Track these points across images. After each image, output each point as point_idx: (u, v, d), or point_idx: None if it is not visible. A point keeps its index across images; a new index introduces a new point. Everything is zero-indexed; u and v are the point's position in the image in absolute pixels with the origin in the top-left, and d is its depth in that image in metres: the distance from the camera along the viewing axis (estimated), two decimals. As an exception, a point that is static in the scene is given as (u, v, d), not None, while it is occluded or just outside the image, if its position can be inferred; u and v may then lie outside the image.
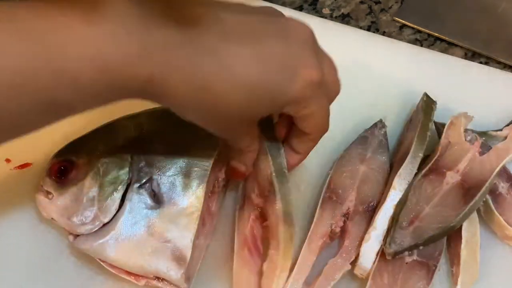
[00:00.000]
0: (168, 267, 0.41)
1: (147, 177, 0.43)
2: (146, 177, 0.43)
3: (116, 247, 0.42)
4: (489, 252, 0.46)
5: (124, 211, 0.42)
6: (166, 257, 0.42)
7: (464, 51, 0.59)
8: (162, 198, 0.43)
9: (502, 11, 0.60)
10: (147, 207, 0.43)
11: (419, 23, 0.60)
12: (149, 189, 0.43)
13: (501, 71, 0.56)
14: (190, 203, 0.43)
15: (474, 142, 0.48)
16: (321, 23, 0.60)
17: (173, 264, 0.41)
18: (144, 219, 0.42)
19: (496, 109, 0.52)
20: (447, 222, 0.44)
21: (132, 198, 0.43)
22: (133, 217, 0.42)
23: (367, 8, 0.63)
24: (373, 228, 0.44)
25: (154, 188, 0.43)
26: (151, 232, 0.42)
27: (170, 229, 0.42)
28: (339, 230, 0.46)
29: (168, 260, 0.41)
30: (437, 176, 0.46)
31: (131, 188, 0.43)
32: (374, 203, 0.47)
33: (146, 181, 0.43)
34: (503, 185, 0.47)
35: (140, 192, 0.43)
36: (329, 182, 0.48)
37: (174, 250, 0.42)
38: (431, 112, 0.49)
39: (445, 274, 0.45)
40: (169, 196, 0.43)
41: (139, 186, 0.43)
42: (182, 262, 0.41)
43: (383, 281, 0.43)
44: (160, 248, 0.42)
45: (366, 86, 0.55)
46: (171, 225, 0.42)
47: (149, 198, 0.43)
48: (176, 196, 0.43)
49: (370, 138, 0.51)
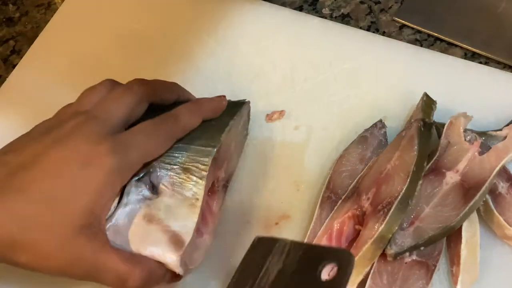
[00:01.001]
0: (164, 249, 0.40)
1: (145, 171, 0.43)
2: (144, 170, 0.43)
3: (113, 238, 0.41)
4: (489, 252, 0.46)
5: (122, 203, 0.42)
6: (163, 242, 0.41)
7: (464, 51, 0.59)
8: (161, 190, 0.43)
9: (502, 11, 0.60)
10: (145, 198, 0.42)
11: (419, 23, 0.60)
12: (148, 181, 0.43)
13: (501, 71, 0.56)
14: (190, 194, 0.43)
15: (473, 142, 0.48)
16: (321, 23, 0.60)
17: (170, 247, 0.41)
18: (142, 209, 0.42)
19: (496, 109, 0.52)
20: (447, 222, 0.43)
21: (130, 191, 0.42)
22: (131, 209, 0.42)
23: (367, 8, 0.63)
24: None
25: (152, 180, 0.43)
26: (149, 221, 0.41)
27: (169, 218, 0.42)
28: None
29: (165, 245, 0.41)
30: (437, 176, 0.46)
31: (129, 182, 0.42)
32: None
33: (144, 175, 0.43)
34: (502, 185, 0.47)
35: (138, 185, 0.42)
36: (328, 182, 0.48)
37: (172, 236, 0.41)
38: (431, 112, 0.49)
39: (445, 274, 0.45)
40: (169, 188, 0.43)
41: (138, 179, 0.43)
42: (179, 247, 0.41)
43: (382, 281, 0.43)
44: (159, 235, 0.41)
45: (366, 86, 0.55)
46: (170, 214, 0.42)
47: (147, 190, 0.42)
48: (176, 188, 0.43)
49: (370, 138, 0.51)
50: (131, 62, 0.59)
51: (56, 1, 0.69)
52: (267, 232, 0.48)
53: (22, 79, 0.60)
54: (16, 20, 0.68)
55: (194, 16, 0.62)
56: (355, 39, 0.58)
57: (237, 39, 0.60)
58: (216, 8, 0.62)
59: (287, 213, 0.49)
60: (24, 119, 0.56)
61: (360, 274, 0.43)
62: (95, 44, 0.61)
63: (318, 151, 0.52)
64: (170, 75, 0.47)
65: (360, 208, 0.45)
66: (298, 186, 0.50)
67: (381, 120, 0.52)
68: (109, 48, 0.61)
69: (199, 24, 0.61)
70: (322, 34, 0.59)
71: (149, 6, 0.63)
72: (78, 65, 0.60)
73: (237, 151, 0.52)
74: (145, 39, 0.61)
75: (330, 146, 0.52)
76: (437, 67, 0.56)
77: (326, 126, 0.54)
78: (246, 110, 0.52)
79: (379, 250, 0.42)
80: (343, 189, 0.48)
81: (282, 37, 0.59)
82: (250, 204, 0.50)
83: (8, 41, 0.66)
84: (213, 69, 0.44)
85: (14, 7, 0.69)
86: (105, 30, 0.62)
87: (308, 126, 0.54)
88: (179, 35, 0.61)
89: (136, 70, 0.59)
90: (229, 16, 0.61)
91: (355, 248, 0.43)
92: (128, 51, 0.60)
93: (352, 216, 0.45)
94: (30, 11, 0.68)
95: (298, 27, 0.60)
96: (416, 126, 0.47)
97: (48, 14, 0.68)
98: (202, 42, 0.60)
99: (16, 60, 0.64)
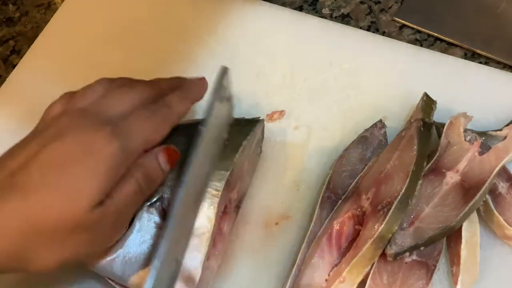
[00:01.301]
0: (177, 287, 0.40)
1: (157, 196, 0.42)
2: (157, 195, 0.42)
3: (123, 266, 0.41)
4: (489, 252, 0.46)
5: (133, 229, 0.41)
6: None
7: (464, 51, 0.59)
8: None
9: (502, 11, 0.60)
10: (156, 226, 0.41)
11: (419, 23, 0.60)
12: (159, 208, 0.42)
13: (501, 71, 0.56)
14: (201, 223, 0.42)
15: (473, 142, 0.48)
16: (321, 23, 0.60)
17: (181, 285, 0.40)
18: (153, 238, 0.41)
19: (496, 109, 0.52)
20: (447, 222, 0.43)
21: (142, 216, 0.41)
22: (142, 236, 0.41)
23: (367, 8, 0.63)
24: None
25: (164, 207, 0.42)
26: None
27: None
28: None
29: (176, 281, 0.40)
30: (437, 176, 0.46)
31: (141, 207, 0.41)
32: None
33: (156, 200, 0.42)
34: (502, 185, 0.47)
35: (150, 211, 0.42)
36: (328, 182, 0.48)
37: (183, 271, 0.41)
38: (431, 112, 0.49)
39: (445, 274, 0.45)
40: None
41: (150, 204, 0.42)
42: (190, 284, 0.40)
43: (382, 281, 0.43)
44: None
45: (366, 86, 0.55)
46: None
47: (159, 217, 0.42)
48: None
49: (370, 138, 0.51)
50: (131, 62, 0.59)
51: (56, 1, 0.69)
52: (267, 232, 0.48)
53: (22, 79, 0.60)
54: (16, 20, 0.68)
55: (194, 16, 0.62)
56: (355, 39, 0.58)
57: (237, 39, 0.60)
58: (216, 8, 0.62)
59: (287, 213, 0.49)
60: (24, 119, 0.56)
61: (360, 274, 0.43)
62: (94, 44, 0.61)
63: (318, 151, 0.52)
64: (170, 75, 0.47)
65: (360, 208, 0.45)
66: (298, 186, 0.50)
67: (381, 120, 0.52)
68: (109, 48, 0.61)
69: (199, 24, 0.61)
70: (322, 34, 0.59)
71: (149, 6, 0.63)
72: (78, 65, 0.60)
73: (250, 170, 0.51)
74: (145, 39, 0.61)
75: (330, 146, 0.52)
76: (437, 67, 0.56)
77: (326, 126, 0.54)
78: (260, 128, 0.49)
79: (379, 250, 0.42)
80: (343, 189, 0.48)
81: (282, 37, 0.59)
82: (250, 204, 0.50)
83: (8, 41, 0.66)
84: (213, 69, 0.44)
85: (14, 7, 0.69)
86: (105, 30, 0.62)
87: (308, 126, 0.54)
88: (179, 35, 0.61)
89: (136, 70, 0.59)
90: (229, 16, 0.61)
91: (355, 248, 0.43)
92: (128, 51, 0.60)
93: (352, 216, 0.45)
94: (30, 11, 0.68)
95: (298, 27, 0.60)
96: (415, 126, 0.47)
97: (48, 14, 0.67)
98: (202, 42, 0.60)
99: (16, 60, 0.64)
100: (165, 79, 0.46)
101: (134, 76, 0.46)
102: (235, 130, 0.46)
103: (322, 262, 0.44)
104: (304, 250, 0.45)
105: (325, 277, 0.44)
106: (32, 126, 0.42)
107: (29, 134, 0.41)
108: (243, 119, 0.48)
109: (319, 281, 0.44)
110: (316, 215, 0.47)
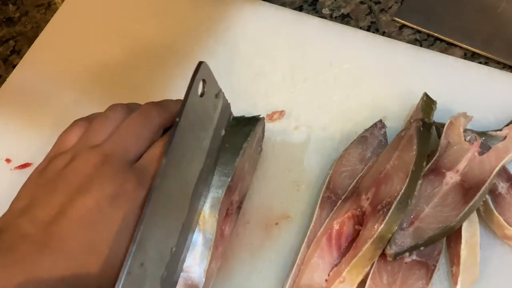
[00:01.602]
0: None
1: None
2: None
3: None
4: (489, 252, 0.46)
5: None
6: (178, 285, 0.40)
7: (464, 51, 0.59)
8: None
9: (502, 11, 0.60)
10: None
11: (419, 23, 0.60)
12: None
13: (501, 71, 0.56)
14: (204, 230, 0.41)
15: (473, 142, 0.48)
16: (321, 23, 0.60)
17: None
18: None
19: (496, 109, 0.52)
20: (447, 222, 0.43)
21: None
22: None
23: (367, 8, 0.63)
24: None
25: None
26: None
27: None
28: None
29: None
30: (437, 176, 0.46)
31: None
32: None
33: None
34: (502, 185, 0.47)
35: None
36: (328, 182, 0.48)
37: (186, 279, 0.40)
38: (431, 112, 0.49)
39: (445, 274, 0.45)
40: None
41: None
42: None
43: (382, 281, 0.43)
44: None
45: (366, 86, 0.55)
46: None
47: None
48: None
49: (370, 138, 0.51)
50: (131, 62, 0.59)
51: (56, 1, 0.69)
52: (267, 232, 0.48)
53: (22, 79, 0.60)
54: (16, 20, 0.68)
55: (194, 16, 0.62)
56: (355, 39, 0.58)
57: (237, 39, 0.60)
58: (216, 8, 0.62)
59: (287, 213, 0.49)
60: (24, 119, 0.56)
61: (360, 274, 0.43)
62: (95, 44, 0.61)
63: (318, 151, 0.52)
64: (170, 75, 0.47)
65: (359, 208, 0.45)
66: (298, 186, 0.50)
67: (381, 120, 0.52)
68: (109, 48, 0.61)
69: (199, 24, 0.61)
70: (322, 34, 0.59)
71: (149, 6, 0.64)
72: (78, 65, 0.60)
73: (251, 169, 0.50)
74: (145, 40, 0.61)
75: (330, 146, 0.52)
76: (437, 67, 0.56)
77: (326, 126, 0.54)
78: (260, 127, 0.49)
79: (379, 250, 0.42)
80: (343, 189, 0.48)
81: (282, 37, 0.59)
82: (250, 204, 0.50)
83: (8, 41, 0.67)
84: (213, 69, 0.44)
85: (14, 7, 0.69)
86: (105, 30, 0.62)
87: (308, 126, 0.54)
88: (179, 35, 0.61)
89: (136, 70, 0.60)
90: (229, 16, 0.61)
91: (355, 248, 0.43)
92: (128, 51, 0.60)
93: (352, 216, 0.45)
94: (30, 11, 0.68)
95: (298, 27, 0.60)
96: (415, 126, 0.47)
97: (48, 14, 0.68)
98: (202, 42, 0.60)
99: (16, 60, 0.64)
100: (173, 101, 0.45)
101: (134, 76, 0.46)
102: (235, 130, 0.46)
103: (322, 262, 0.44)
104: (304, 250, 0.46)
105: (325, 277, 0.44)
106: (32, 126, 0.42)
107: (44, 163, 0.40)
108: (243, 117, 0.48)
109: (319, 281, 0.44)
110: (316, 215, 0.47)
